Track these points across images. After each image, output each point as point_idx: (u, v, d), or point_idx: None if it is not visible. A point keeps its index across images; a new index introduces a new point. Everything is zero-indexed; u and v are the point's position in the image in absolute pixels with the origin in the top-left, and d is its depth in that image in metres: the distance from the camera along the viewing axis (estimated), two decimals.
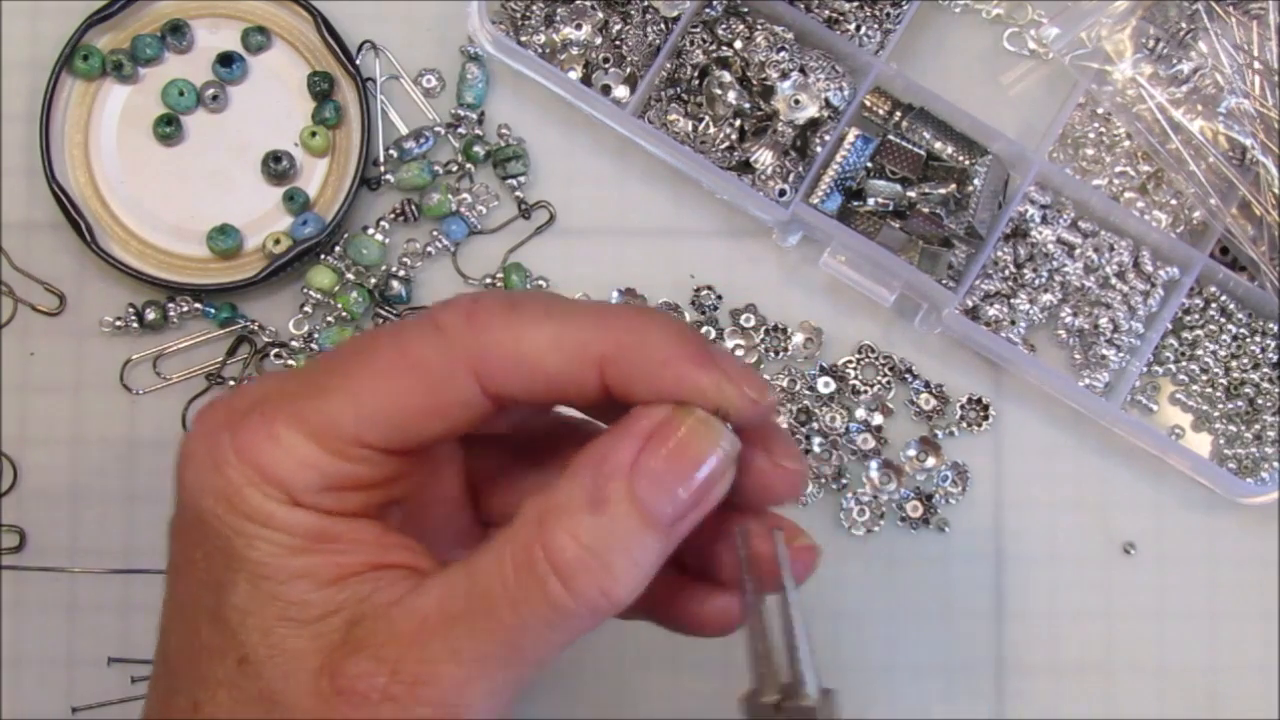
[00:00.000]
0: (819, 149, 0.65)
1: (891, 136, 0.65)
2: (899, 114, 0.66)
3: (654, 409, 0.38)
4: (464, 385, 0.39)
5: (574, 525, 0.37)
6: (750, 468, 0.40)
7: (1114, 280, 0.66)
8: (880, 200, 0.65)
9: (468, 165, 0.67)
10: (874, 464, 0.66)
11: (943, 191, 0.65)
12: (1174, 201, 0.67)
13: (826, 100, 0.65)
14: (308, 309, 0.67)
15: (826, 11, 0.67)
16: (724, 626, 0.44)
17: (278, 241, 0.65)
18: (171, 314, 0.66)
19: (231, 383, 0.66)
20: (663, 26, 0.66)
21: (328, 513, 0.39)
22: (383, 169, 0.67)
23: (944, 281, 0.65)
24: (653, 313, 0.40)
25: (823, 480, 0.66)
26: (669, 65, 0.66)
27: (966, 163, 0.65)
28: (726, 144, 0.65)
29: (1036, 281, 0.66)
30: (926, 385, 0.67)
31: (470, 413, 0.39)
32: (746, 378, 0.39)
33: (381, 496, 0.40)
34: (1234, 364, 0.67)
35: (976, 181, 0.64)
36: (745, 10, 0.66)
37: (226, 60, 0.66)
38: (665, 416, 0.38)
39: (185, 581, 0.40)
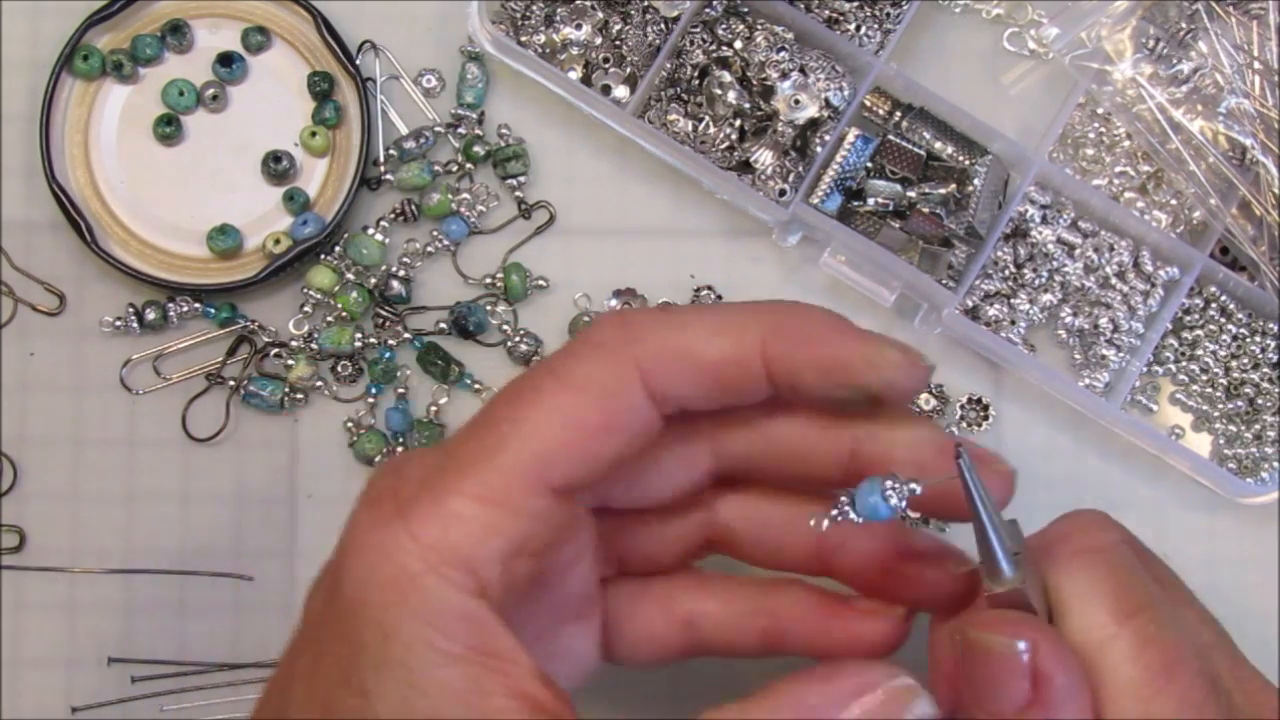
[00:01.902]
0: (819, 149, 0.65)
1: (891, 136, 0.65)
2: (899, 114, 0.66)
3: (862, 666, 0.37)
4: (632, 392, 0.39)
5: None
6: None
7: (1114, 280, 0.66)
8: (880, 200, 0.65)
9: (468, 165, 0.67)
10: None
11: (943, 191, 0.65)
12: (1174, 201, 0.67)
13: (826, 100, 0.65)
14: (308, 309, 0.67)
15: (826, 11, 0.67)
16: (890, 645, 0.44)
17: (278, 241, 0.65)
18: (171, 314, 0.66)
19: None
20: (663, 26, 0.66)
21: (505, 591, 0.37)
22: (383, 169, 0.67)
23: (944, 281, 0.65)
24: (800, 302, 0.41)
25: None
26: (669, 65, 0.66)
27: (966, 163, 0.65)
28: (726, 144, 0.65)
29: (1036, 281, 0.66)
30: (926, 385, 0.67)
31: (640, 426, 0.39)
32: (900, 344, 0.40)
33: (546, 563, 0.40)
34: (1234, 364, 0.67)
35: (976, 181, 0.64)
36: (745, 10, 0.66)
37: (226, 60, 0.66)
38: (873, 678, 0.37)
39: (319, 677, 0.38)
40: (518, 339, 0.66)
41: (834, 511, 0.39)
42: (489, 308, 0.67)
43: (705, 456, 0.44)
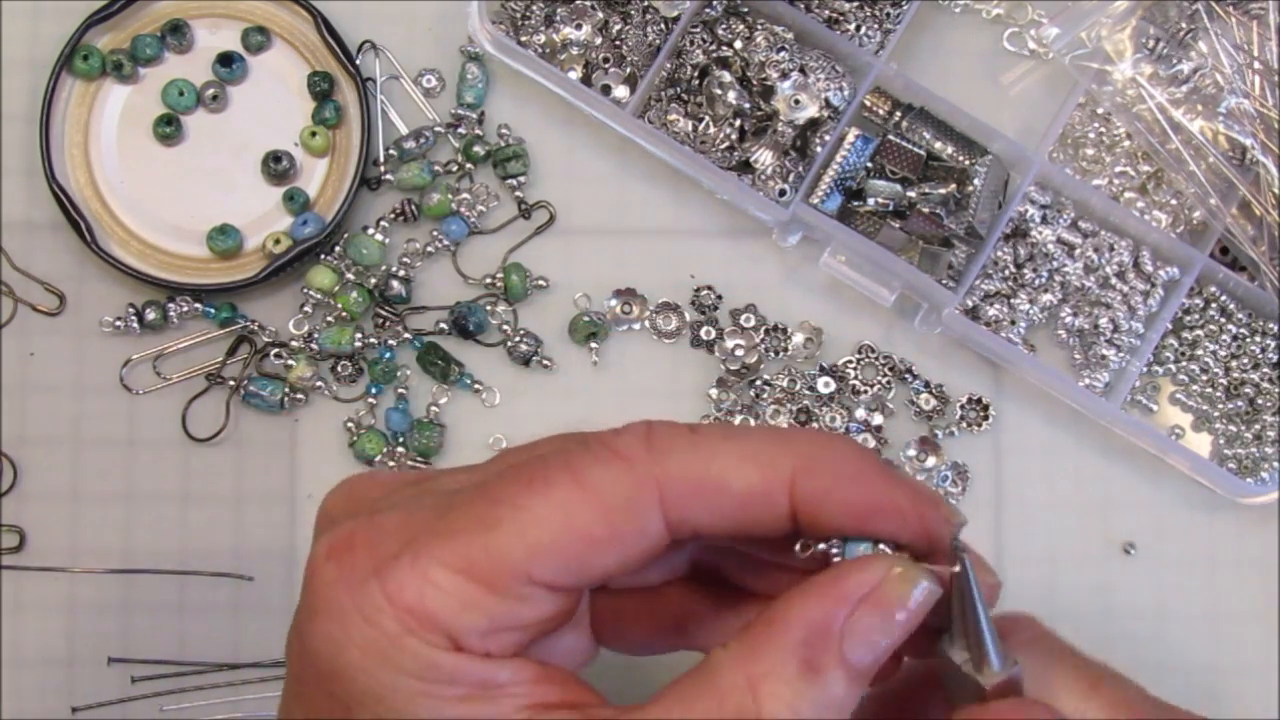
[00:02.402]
0: (819, 149, 0.65)
1: (891, 136, 0.65)
2: (899, 114, 0.66)
3: (859, 566, 0.37)
4: (647, 513, 0.37)
5: (791, 696, 0.35)
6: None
7: (1114, 280, 0.66)
8: (880, 200, 0.65)
9: (468, 165, 0.67)
10: None
11: (943, 191, 0.65)
12: (1174, 201, 0.67)
13: (826, 100, 0.65)
14: (308, 309, 0.67)
15: (826, 11, 0.67)
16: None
17: (278, 241, 0.65)
18: (171, 314, 0.66)
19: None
20: (663, 26, 0.66)
21: (488, 656, 0.36)
22: (383, 169, 0.67)
23: (944, 281, 0.65)
24: (835, 434, 0.39)
25: None
26: (669, 65, 0.66)
27: (966, 163, 0.65)
28: (726, 144, 0.65)
29: (1036, 281, 0.66)
30: (926, 385, 0.67)
31: (647, 544, 0.37)
32: (935, 496, 0.38)
33: (537, 633, 0.38)
34: (1234, 364, 0.67)
35: (976, 181, 0.64)
36: (745, 10, 0.66)
37: (226, 60, 0.66)
38: (873, 575, 0.36)
39: None
40: (518, 339, 0.66)
41: (822, 545, 0.38)
42: (489, 308, 0.67)
43: (695, 550, 0.43)
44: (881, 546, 0.38)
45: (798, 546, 0.38)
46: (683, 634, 0.44)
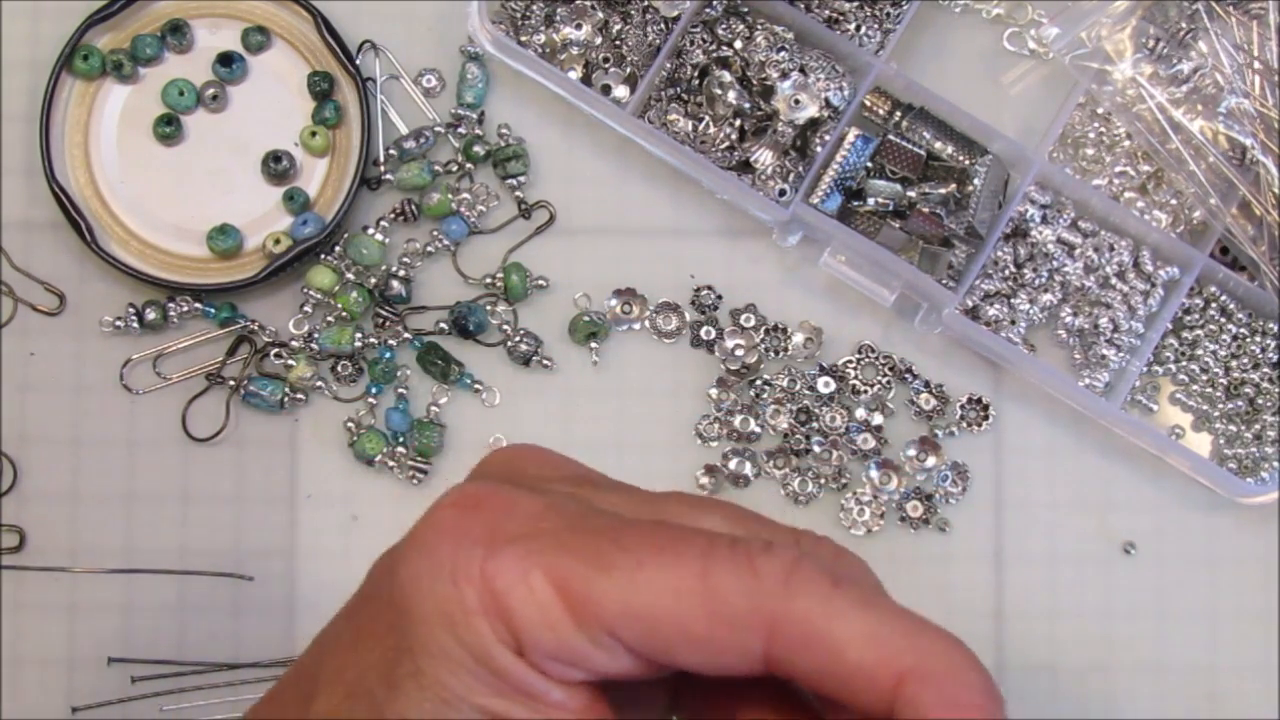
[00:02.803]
0: (819, 149, 0.65)
1: (891, 136, 0.65)
2: (899, 114, 0.66)
3: None
4: (751, 638, 0.36)
5: None
6: None
7: (1114, 280, 0.66)
8: (880, 200, 0.65)
9: (468, 165, 0.67)
10: (874, 464, 0.66)
11: (943, 191, 0.65)
12: (1174, 201, 0.67)
13: (826, 100, 0.65)
14: (308, 309, 0.67)
15: (826, 11, 0.67)
16: None
17: (278, 241, 0.65)
18: (171, 314, 0.66)
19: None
20: (663, 26, 0.66)
21: (544, 674, 0.36)
22: (383, 169, 0.67)
23: (944, 281, 0.65)
24: (960, 644, 0.37)
25: (823, 480, 0.66)
26: (669, 65, 0.66)
27: (966, 163, 0.65)
28: (726, 144, 0.65)
29: (1036, 281, 0.66)
30: (926, 385, 0.67)
31: (738, 663, 0.36)
32: None
33: (598, 678, 0.37)
34: (1234, 364, 0.67)
35: (976, 181, 0.64)
36: (745, 10, 0.66)
37: (226, 60, 0.66)
38: None
39: (359, 655, 0.37)
40: (518, 339, 0.66)
41: None
42: (489, 308, 0.67)
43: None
44: None
45: None
46: None
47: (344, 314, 0.66)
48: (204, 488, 0.66)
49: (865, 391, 0.66)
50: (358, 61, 0.66)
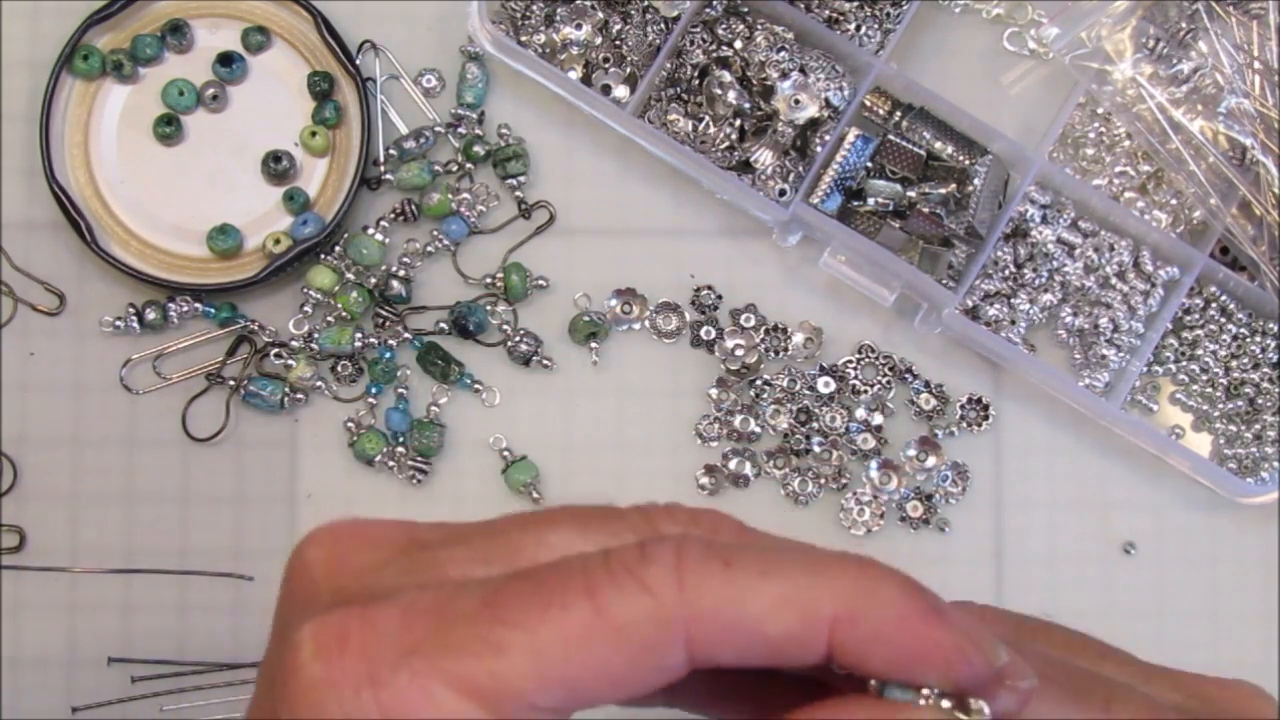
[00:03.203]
0: (819, 149, 0.65)
1: (891, 136, 0.65)
2: (899, 114, 0.66)
3: (886, 709, 0.35)
4: (671, 652, 0.34)
5: None
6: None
7: (1114, 280, 0.66)
8: (880, 200, 0.65)
9: (468, 165, 0.67)
10: (874, 464, 0.66)
11: (943, 191, 0.65)
12: (1174, 201, 0.67)
13: (826, 100, 0.65)
14: (308, 309, 0.67)
15: (826, 11, 0.67)
16: None
17: (278, 241, 0.65)
18: (171, 314, 0.66)
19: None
20: (663, 26, 0.66)
21: None
22: (383, 169, 0.67)
23: (944, 281, 0.65)
24: (876, 564, 0.36)
25: (823, 480, 0.66)
26: (669, 65, 0.66)
27: (966, 163, 0.65)
28: (726, 144, 0.65)
29: (1036, 281, 0.66)
30: (926, 385, 0.67)
31: (665, 678, 0.35)
32: (985, 640, 0.35)
33: None
34: (1234, 364, 0.67)
35: (976, 181, 0.64)
36: (745, 10, 0.66)
37: (226, 60, 0.66)
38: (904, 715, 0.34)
39: None
40: (518, 339, 0.66)
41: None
42: (489, 308, 0.67)
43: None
44: (925, 692, 0.35)
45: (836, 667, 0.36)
46: (713, 698, 0.42)
47: (344, 314, 0.66)
48: (204, 488, 0.66)
49: (865, 391, 0.66)
50: (358, 61, 0.66)
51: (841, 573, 0.35)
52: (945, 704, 0.35)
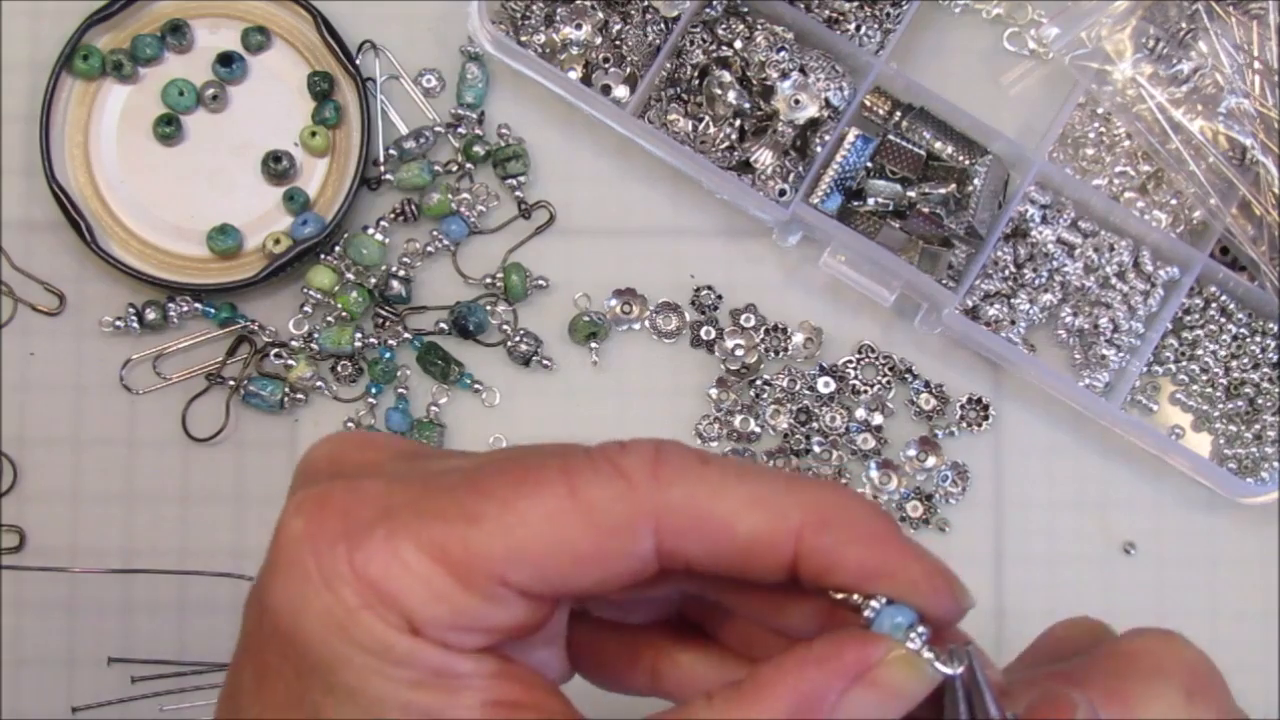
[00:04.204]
0: (819, 149, 0.65)
1: (891, 136, 0.65)
2: (899, 114, 0.66)
3: (860, 640, 0.35)
4: (639, 539, 0.35)
5: None
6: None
7: (1114, 280, 0.66)
8: (880, 200, 0.65)
9: (468, 165, 0.67)
10: (874, 464, 0.66)
11: (943, 191, 0.65)
12: (1174, 201, 0.67)
13: (826, 100, 0.65)
14: (308, 309, 0.67)
15: (826, 11, 0.67)
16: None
17: (278, 241, 0.65)
18: (171, 314, 0.66)
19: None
20: (663, 26, 0.66)
21: (446, 648, 0.35)
22: (383, 169, 0.67)
23: (944, 281, 0.65)
24: (848, 488, 0.37)
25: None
26: (669, 65, 0.66)
27: (966, 163, 0.65)
28: (726, 144, 0.65)
29: (1036, 281, 0.66)
30: (926, 385, 0.67)
31: (632, 570, 0.35)
32: (947, 571, 0.36)
33: (501, 638, 0.36)
34: (1234, 364, 0.67)
35: (976, 181, 0.64)
36: (745, 10, 0.66)
37: (226, 60, 0.66)
38: (874, 652, 0.34)
39: (268, 696, 0.36)
40: (518, 339, 0.66)
41: (857, 596, 0.37)
42: (489, 308, 0.67)
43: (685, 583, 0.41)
44: (920, 630, 0.35)
45: (831, 593, 0.36)
46: (657, 678, 0.42)
47: (344, 314, 0.66)
48: (204, 488, 0.66)
49: (865, 391, 0.66)
50: (358, 61, 0.66)
51: (814, 486, 0.36)
52: (929, 654, 0.35)
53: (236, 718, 0.37)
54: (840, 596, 0.36)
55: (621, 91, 0.66)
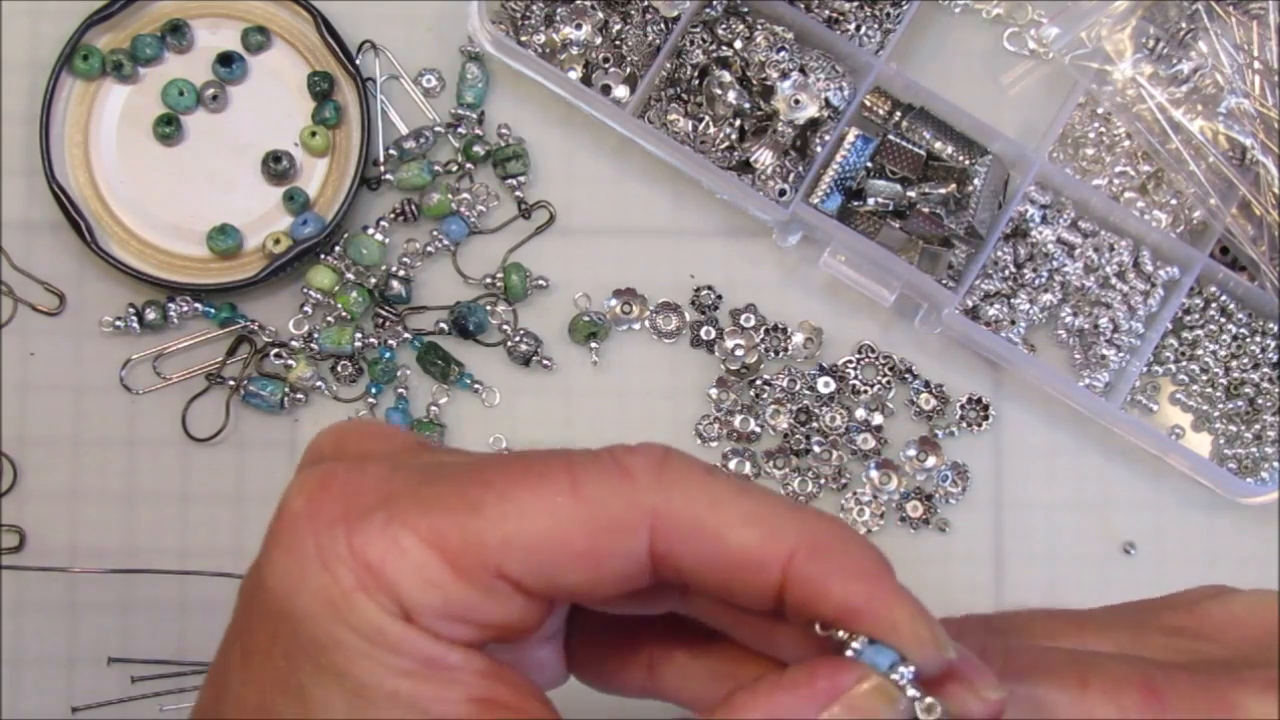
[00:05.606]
0: (819, 149, 0.65)
1: (891, 136, 0.65)
2: (899, 114, 0.66)
3: (835, 668, 0.34)
4: (635, 537, 0.35)
5: None
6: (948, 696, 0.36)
7: (1114, 280, 0.66)
8: (880, 200, 0.65)
9: (468, 165, 0.67)
10: (874, 464, 0.66)
11: (943, 191, 0.65)
12: (1174, 201, 0.67)
13: (826, 100, 0.65)
14: (308, 309, 0.67)
15: (826, 11, 0.67)
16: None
17: (278, 241, 0.65)
18: (171, 314, 0.66)
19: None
20: (663, 26, 0.66)
21: (437, 638, 0.35)
22: (383, 169, 0.67)
23: (944, 281, 0.65)
24: (848, 525, 0.37)
25: (822, 480, 0.66)
26: (669, 65, 0.66)
27: (966, 163, 0.65)
28: (726, 144, 0.65)
29: (1036, 281, 0.66)
30: (926, 385, 0.67)
31: (626, 572, 0.36)
32: (931, 620, 0.35)
33: (494, 634, 0.36)
34: (1234, 364, 0.67)
35: (976, 181, 0.64)
36: (745, 10, 0.66)
37: (226, 60, 0.66)
38: (847, 679, 0.34)
39: (255, 674, 0.37)
40: (518, 339, 0.66)
41: (842, 634, 0.36)
42: (489, 308, 0.67)
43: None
44: (903, 670, 0.35)
45: (817, 627, 0.36)
46: (654, 675, 0.42)
47: (344, 314, 0.66)
48: (204, 488, 0.66)
49: (865, 391, 0.66)
50: (358, 61, 0.66)
51: (813, 516, 0.35)
52: (912, 692, 0.34)
53: (218, 701, 0.38)
54: (824, 633, 0.35)
55: (621, 91, 0.66)
